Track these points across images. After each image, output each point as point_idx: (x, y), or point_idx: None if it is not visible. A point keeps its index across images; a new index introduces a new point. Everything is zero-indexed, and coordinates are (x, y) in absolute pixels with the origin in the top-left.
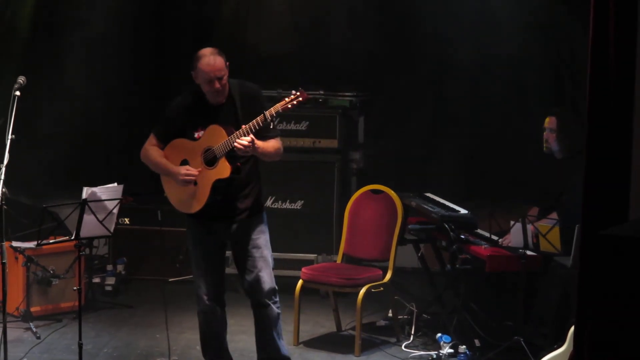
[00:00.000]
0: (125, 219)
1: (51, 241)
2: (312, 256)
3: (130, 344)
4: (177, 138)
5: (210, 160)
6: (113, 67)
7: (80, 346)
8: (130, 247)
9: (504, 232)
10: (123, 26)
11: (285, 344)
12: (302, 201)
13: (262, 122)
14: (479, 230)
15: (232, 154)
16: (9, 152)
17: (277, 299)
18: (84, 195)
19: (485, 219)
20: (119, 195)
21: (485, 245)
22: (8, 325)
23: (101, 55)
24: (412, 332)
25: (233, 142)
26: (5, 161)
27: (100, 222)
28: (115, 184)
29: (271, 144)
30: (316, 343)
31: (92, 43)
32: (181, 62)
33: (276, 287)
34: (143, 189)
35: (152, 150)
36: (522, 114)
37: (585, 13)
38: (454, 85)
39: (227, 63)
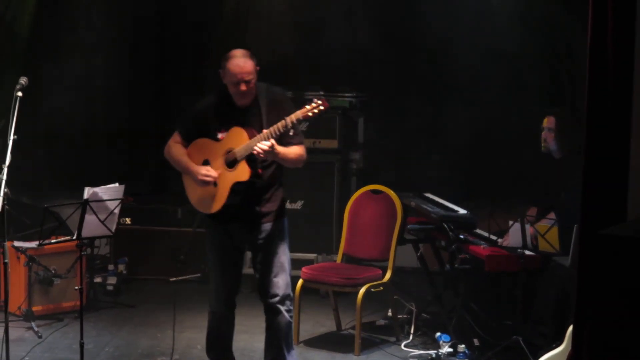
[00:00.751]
0: (127, 219)
1: (53, 241)
2: (312, 256)
3: (131, 344)
4: (201, 137)
5: (231, 162)
6: (113, 68)
7: (81, 345)
8: (131, 247)
9: (503, 232)
10: (123, 27)
11: (295, 354)
12: (302, 201)
13: (282, 128)
14: (478, 230)
15: (253, 158)
16: (11, 152)
17: (291, 307)
18: (85, 196)
19: (484, 219)
20: (120, 196)
21: (485, 245)
22: (10, 324)
23: (101, 55)
24: (412, 332)
25: (253, 146)
26: (7, 161)
27: (102, 222)
28: (117, 184)
29: (293, 151)
30: (316, 342)
31: (93, 44)
32: (182, 63)
33: (291, 294)
34: (144, 189)
35: (174, 148)
36: (521, 114)
37: (584, 12)
38: (453, 85)
39: (257, 67)
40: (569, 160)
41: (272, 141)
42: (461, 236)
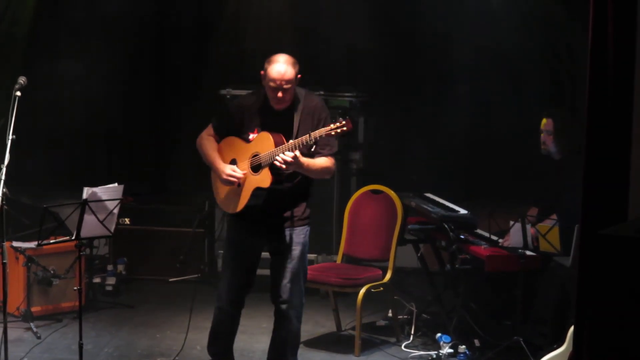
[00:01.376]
0: (126, 219)
1: (52, 241)
2: (312, 256)
3: (130, 344)
4: (233, 135)
5: (256, 167)
6: (113, 67)
7: (80, 346)
8: (130, 247)
9: (503, 232)
10: (123, 27)
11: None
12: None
13: (305, 142)
14: (479, 231)
15: (276, 166)
16: (10, 152)
17: (301, 316)
18: (84, 196)
19: (484, 219)
20: (120, 196)
21: (485, 245)
22: (9, 325)
23: (101, 55)
24: (412, 332)
25: (276, 156)
26: (6, 161)
27: (101, 222)
28: (116, 184)
29: (320, 163)
30: (316, 343)
31: (92, 44)
32: (182, 63)
33: (303, 302)
34: (143, 189)
35: (206, 141)
36: (521, 114)
37: (584, 12)
38: (453, 85)
39: (299, 76)
40: (569, 161)
41: (297, 152)
42: (461, 236)
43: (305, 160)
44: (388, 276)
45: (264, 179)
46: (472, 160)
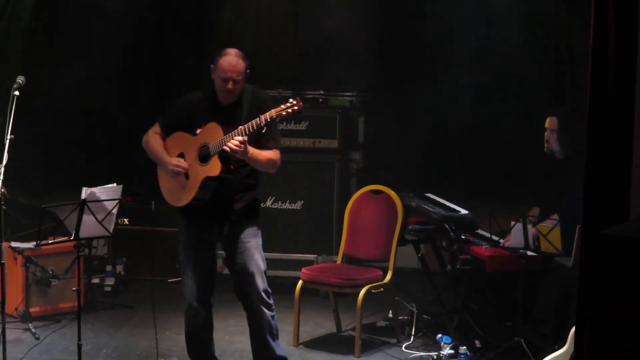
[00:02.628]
0: (125, 219)
1: (50, 241)
2: (312, 256)
3: (129, 345)
4: (180, 131)
5: (205, 157)
6: (113, 67)
7: (79, 347)
8: (129, 247)
9: (504, 232)
10: (123, 26)
11: (282, 343)
12: (302, 201)
13: (255, 126)
14: (480, 231)
15: (226, 154)
16: (8, 152)
17: (271, 301)
18: (83, 196)
19: (485, 219)
20: (118, 196)
21: (486, 246)
22: (7, 325)
23: (101, 55)
24: (413, 333)
25: (226, 142)
26: (4, 161)
27: (100, 222)
28: (115, 184)
29: (265, 154)
30: (316, 344)
31: (92, 43)
32: (181, 63)
33: (269, 290)
34: (142, 189)
35: (152, 138)
36: (522, 114)
37: (585, 12)
38: (453, 85)
39: (248, 71)
40: (571, 161)
41: (244, 138)
42: (462, 236)
43: (252, 149)
44: (388, 277)
45: (213, 167)
46: (473, 160)
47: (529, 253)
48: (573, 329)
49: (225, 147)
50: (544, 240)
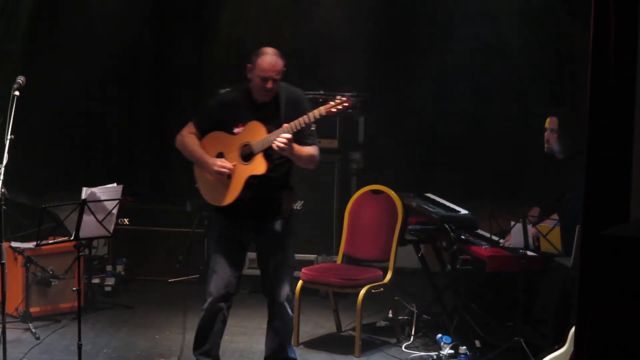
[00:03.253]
0: (125, 219)
1: (50, 241)
2: (312, 257)
3: (129, 345)
4: (216, 130)
5: (247, 156)
6: (113, 67)
7: (79, 347)
8: (129, 247)
9: (504, 232)
10: (122, 26)
11: (294, 347)
12: (302, 201)
13: (304, 123)
14: (480, 231)
15: (269, 152)
16: (8, 152)
17: (293, 303)
18: (83, 196)
19: (485, 219)
20: (119, 196)
21: (486, 246)
22: (7, 325)
23: (101, 55)
24: (413, 333)
25: (272, 140)
26: (5, 161)
27: (100, 222)
28: (115, 184)
29: (307, 150)
30: (316, 344)
31: (92, 43)
32: (181, 63)
33: (294, 291)
34: (143, 189)
35: (188, 138)
36: (522, 114)
37: (585, 12)
38: (453, 85)
39: (284, 69)
40: (571, 161)
41: (290, 136)
42: (462, 237)
43: (296, 145)
44: (388, 277)
45: (258, 166)
46: (473, 160)
47: (529, 253)
48: (573, 329)
49: (274, 144)
50: (543, 240)
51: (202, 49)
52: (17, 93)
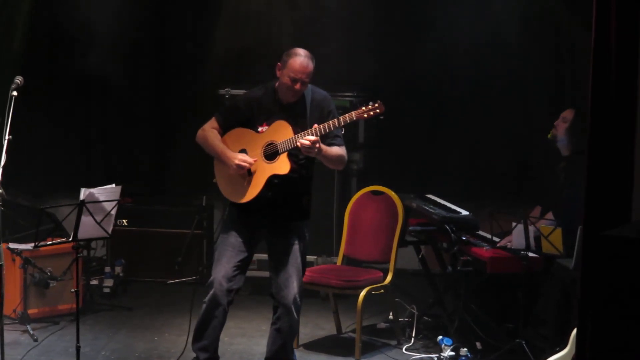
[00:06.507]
0: (124, 220)
1: (49, 243)
2: (312, 258)
3: (128, 347)
4: (238, 127)
5: (271, 155)
6: (112, 67)
7: (77, 349)
8: (128, 248)
9: (505, 233)
10: (121, 26)
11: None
12: None
13: (333, 127)
14: (481, 232)
15: (294, 153)
16: (6, 153)
17: (300, 306)
18: (81, 197)
19: (486, 220)
20: (117, 197)
21: (487, 247)
22: (5, 327)
23: (100, 55)
24: (413, 335)
25: (298, 140)
26: (2, 162)
27: (98, 223)
28: (114, 185)
29: (335, 150)
30: (316, 345)
31: (91, 43)
32: (181, 63)
33: (301, 298)
34: (141, 190)
35: (211, 133)
36: (522, 114)
37: (587, 12)
38: (454, 85)
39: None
40: (572, 161)
41: (317, 137)
42: (463, 238)
43: (324, 146)
44: (389, 278)
45: (282, 165)
46: (474, 161)
47: (530, 254)
48: (574, 331)
49: (300, 144)
50: (545, 241)
51: (202, 50)
52: (15, 93)
